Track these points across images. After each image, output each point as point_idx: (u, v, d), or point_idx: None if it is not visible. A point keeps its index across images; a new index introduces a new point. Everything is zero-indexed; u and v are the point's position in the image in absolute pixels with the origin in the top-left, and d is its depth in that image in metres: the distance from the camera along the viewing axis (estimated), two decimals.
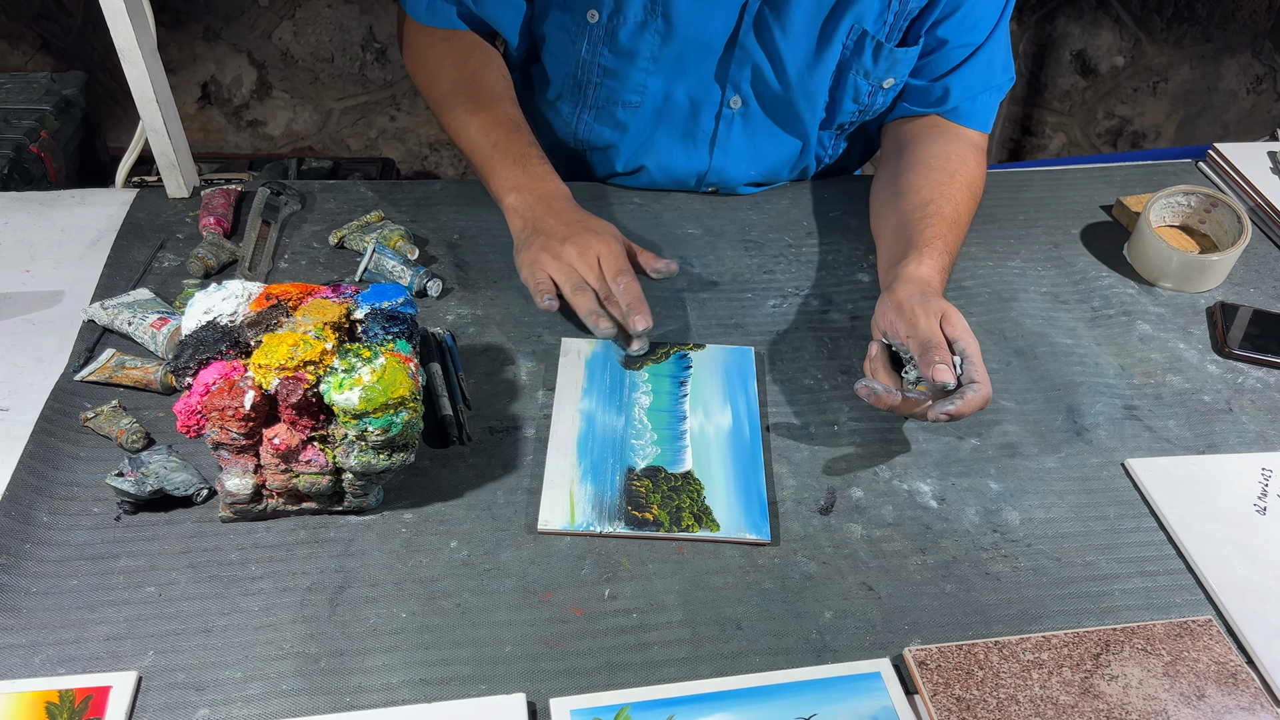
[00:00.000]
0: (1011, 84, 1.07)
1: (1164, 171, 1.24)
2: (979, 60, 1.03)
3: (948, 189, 0.98)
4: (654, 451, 0.84)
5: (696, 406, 0.88)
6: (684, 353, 0.93)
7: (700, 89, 1.05)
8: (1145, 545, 0.79)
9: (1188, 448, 0.88)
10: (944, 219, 0.95)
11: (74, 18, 2.15)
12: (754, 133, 1.09)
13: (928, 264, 0.90)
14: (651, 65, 1.03)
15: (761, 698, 0.66)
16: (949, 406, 0.78)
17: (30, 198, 1.09)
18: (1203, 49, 2.29)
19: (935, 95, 1.05)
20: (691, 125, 1.08)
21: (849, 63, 1.02)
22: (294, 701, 0.65)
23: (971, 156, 1.03)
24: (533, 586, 0.73)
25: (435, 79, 1.06)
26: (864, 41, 1.00)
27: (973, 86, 1.04)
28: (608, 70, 1.05)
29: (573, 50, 1.05)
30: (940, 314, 0.83)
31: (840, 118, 1.08)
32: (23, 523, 0.74)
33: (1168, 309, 1.03)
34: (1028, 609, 0.74)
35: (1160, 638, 0.71)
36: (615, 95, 1.07)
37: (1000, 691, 0.67)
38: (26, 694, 0.63)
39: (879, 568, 0.76)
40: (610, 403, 0.87)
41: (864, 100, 1.06)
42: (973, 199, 1.00)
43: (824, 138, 1.12)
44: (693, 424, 0.86)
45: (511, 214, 0.97)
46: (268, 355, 0.71)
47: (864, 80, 1.04)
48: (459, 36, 1.07)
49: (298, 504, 0.76)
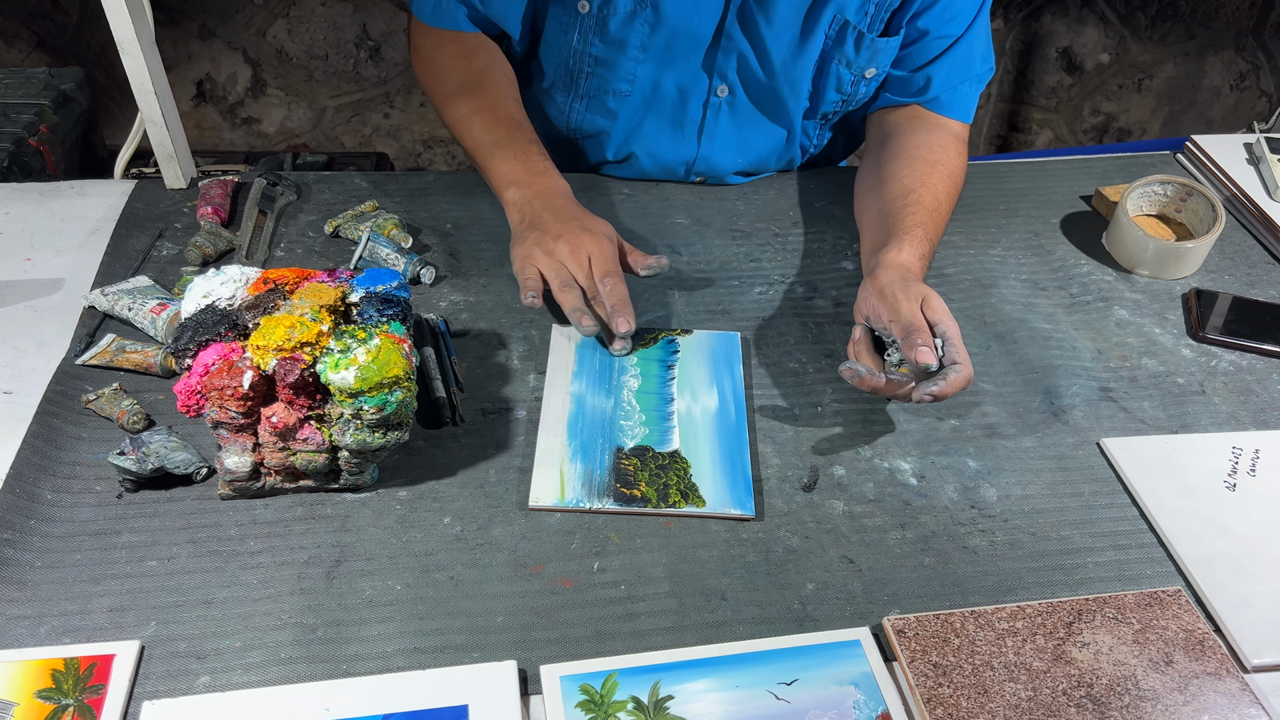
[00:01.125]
0: (991, 74, 1.10)
1: (1143, 163, 1.27)
2: (959, 51, 1.05)
3: (929, 178, 1.00)
4: (642, 432, 0.86)
5: (684, 389, 0.90)
6: (672, 338, 0.95)
7: (688, 78, 1.08)
8: (1119, 520, 0.82)
9: (1161, 428, 0.90)
10: (925, 207, 0.97)
11: (70, 16, 2.17)
12: (741, 121, 1.11)
13: (908, 251, 0.92)
14: (641, 54, 1.06)
15: (745, 664, 0.68)
16: (933, 388, 0.80)
17: (31, 188, 1.11)
18: (1187, 46, 2.32)
19: (916, 85, 1.07)
20: (680, 114, 1.10)
21: (832, 52, 1.05)
22: (292, 669, 0.67)
23: (953, 146, 1.06)
24: (524, 560, 0.76)
25: (441, 79, 1.08)
26: (846, 32, 1.02)
27: (953, 76, 1.07)
28: (599, 60, 1.07)
29: (565, 40, 1.07)
30: (921, 298, 0.85)
31: (824, 107, 1.11)
32: (27, 500, 0.76)
33: (1144, 295, 1.05)
34: (1003, 581, 0.76)
35: (1131, 607, 0.74)
36: (606, 84, 1.09)
37: (976, 658, 0.70)
38: (32, 662, 0.66)
39: (860, 542, 0.78)
40: (600, 385, 0.90)
41: (847, 90, 1.09)
42: (954, 188, 1.03)
43: (808, 127, 1.14)
44: (680, 406, 0.88)
45: (511, 208, 0.99)
46: (265, 337, 0.73)
47: (846, 70, 1.06)
48: (465, 38, 1.09)
49: (295, 481, 0.78)
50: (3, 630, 0.68)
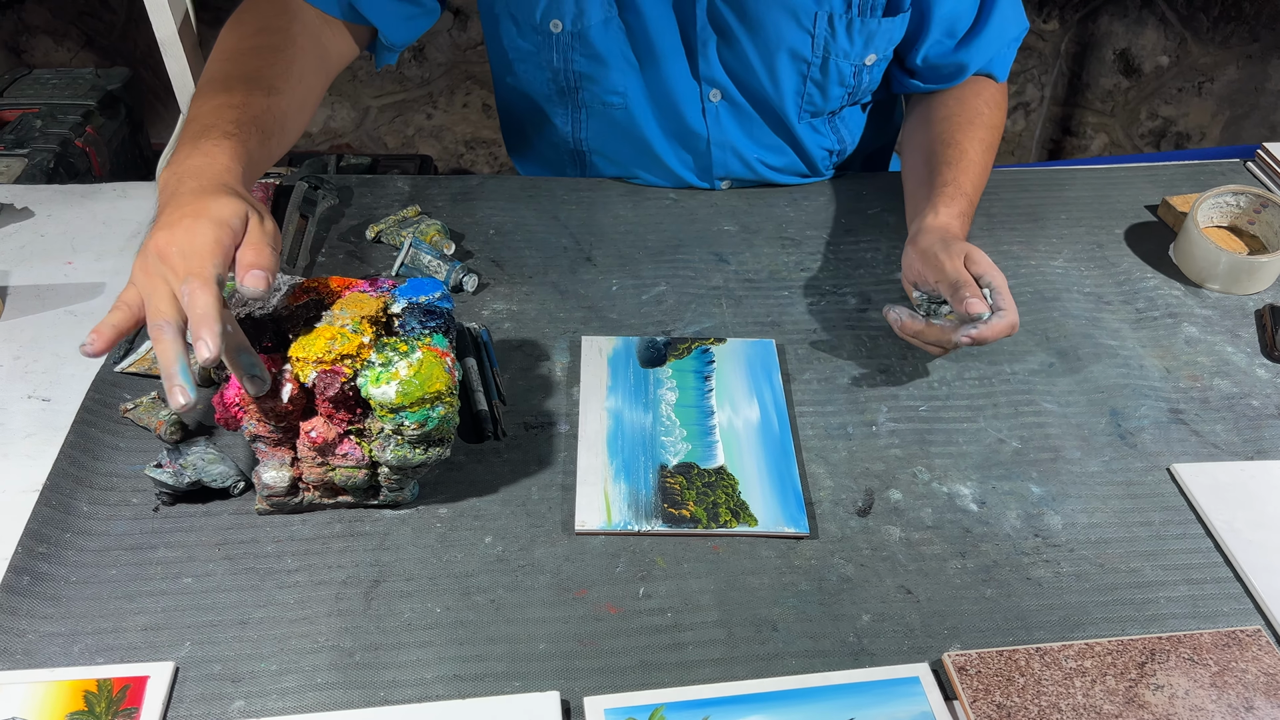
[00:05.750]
0: (1026, 30, 1.08)
1: (1211, 171, 1.22)
2: (992, 24, 1.04)
3: (964, 136, 1.01)
4: (685, 448, 0.83)
5: (723, 401, 0.87)
6: (705, 347, 0.92)
7: (679, 84, 1.04)
8: (1192, 552, 0.77)
9: (1236, 453, 0.86)
10: (960, 165, 0.98)
11: (117, 14, 2.18)
12: (745, 124, 1.09)
13: (944, 212, 0.93)
14: (624, 64, 1.03)
15: (799, 700, 0.65)
16: (972, 331, 0.82)
17: (73, 190, 1.10)
18: (1250, 48, 2.25)
19: (954, 71, 1.06)
20: (681, 121, 1.07)
21: (829, 48, 1.02)
22: (329, 695, 0.65)
23: (989, 97, 1.06)
24: (567, 584, 0.73)
25: (220, 45, 0.89)
26: (834, 24, 1.00)
27: (988, 49, 1.05)
28: (584, 75, 1.04)
29: (544, 60, 1.04)
30: (964, 254, 0.87)
31: (832, 104, 1.08)
32: (63, 512, 0.75)
33: (1215, 311, 1.01)
34: (1070, 615, 0.73)
35: (1207, 647, 0.70)
36: (598, 96, 1.06)
37: (1042, 699, 0.66)
38: (65, 682, 0.64)
39: (918, 570, 0.75)
40: (637, 400, 0.87)
41: (850, 82, 1.06)
42: (993, 139, 1.04)
43: (822, 125, 1.11)
44: (721, 419, 0.86)
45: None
46: (305, 348, 0.71)
47: (846, 62, 1.03)
48: (282, 9, 0.92)
49: (333, 497, 0.76)
50: (36, 648, 0.67)
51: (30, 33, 2.21)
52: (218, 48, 0.88)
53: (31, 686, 0.64)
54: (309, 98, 0.91)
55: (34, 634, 0.68)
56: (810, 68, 1.03)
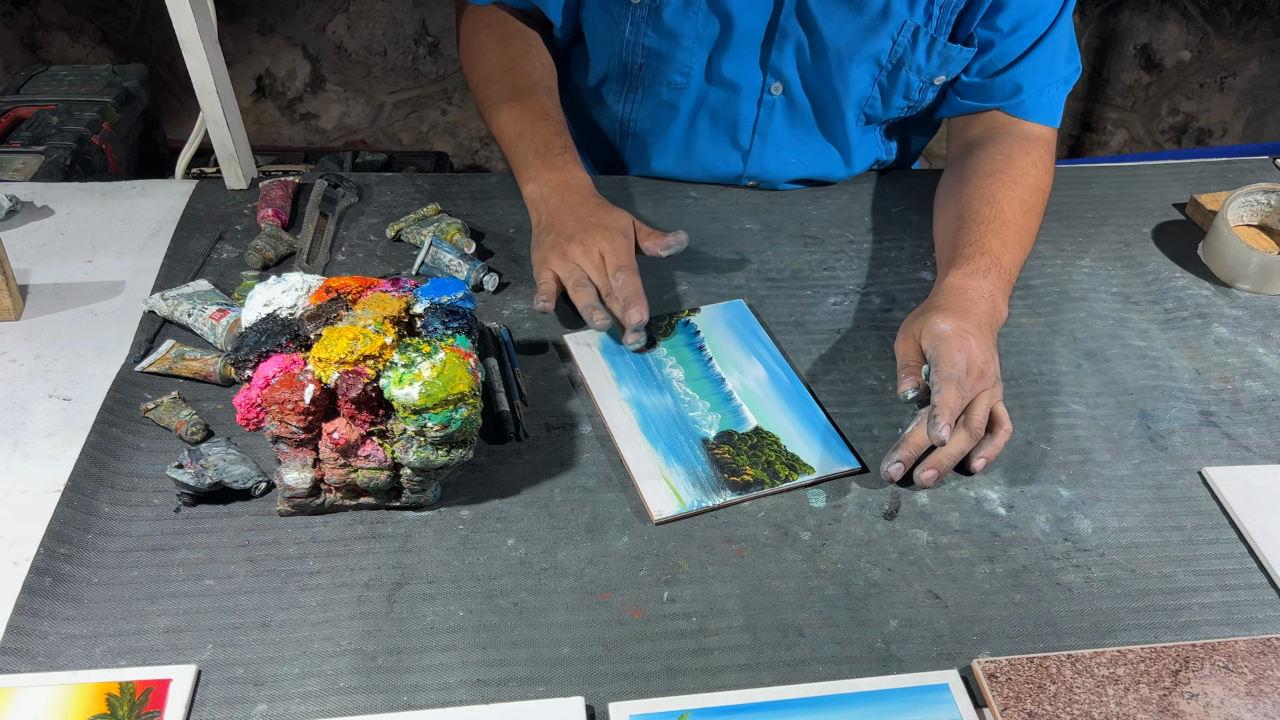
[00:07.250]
0: (1078, 75, 1.04)
1: (1239, 169, 1.20)
2: (1041, 52, 0.99)
3: (1004, 193, 0.95)
4: (715, 418, 0.84)
5: (727, 366, 0.89)
6: (685, 319, 0.94)
7: (743, 72, 1.03)
8: (1225, 557, 0.76)
9: (1269, 456, 0.84)
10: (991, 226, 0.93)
11: (133, 11, 2.18)
12: (796, 124, 1.07)
13: (954, 274, 0.89)
14: (696, 45, 1.01)
15: (826, 707, 0.64)
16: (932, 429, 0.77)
17: (92, 188, 1.10)
18: (1273, 43, 2.22)
19: (999, 91, 1.02)
20: (734, 111, 1.06)
21: (904, 59, 1.00)
22: (351, 699, 0.65)
23: (1037, 155, 1.00)
24: (590, 587, 0.72)
25: (477, 64, 1.08)
26: (918, 37, 0.97)
27: (1038, 80, 1.01)
28: (652, 51, 1.03)
29: (616, 32, 1.03)
30: (922, 329, 0.83)
31: (890, 114, 1.06)
32: (85, 513, 0.74)
33: (1245, 311, 0.99)
34: (1101, 621, 0.71)
35: (1243, 655, 0.68)
36: (660, 76, 1.05)
37: (1074, 707, 0.65)
38: (88, 685, 0.64)
39: (946, 575, 0.74)
40: (648, 385, 0.88)
41: (914, 96, 1.04)
42: (1035, 203, 0.98)
43: (872, 133, 1.09)
44: (733, 383, 0.88)
45: (529, 205, 0.99)
46: (327, 349, 0.70)
47: (916, 76, 1.01)
48: (506, 21, 1.08)
49: (355, 499, 0.76)
50: (59, 650, 0.66)
51: (46, 29, 2.21)
52: (481, 69, 1.07)
53: (54, 689, 0.63)
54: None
55: (56, 636, 0.67)
56: (882, 73, 1.01)
